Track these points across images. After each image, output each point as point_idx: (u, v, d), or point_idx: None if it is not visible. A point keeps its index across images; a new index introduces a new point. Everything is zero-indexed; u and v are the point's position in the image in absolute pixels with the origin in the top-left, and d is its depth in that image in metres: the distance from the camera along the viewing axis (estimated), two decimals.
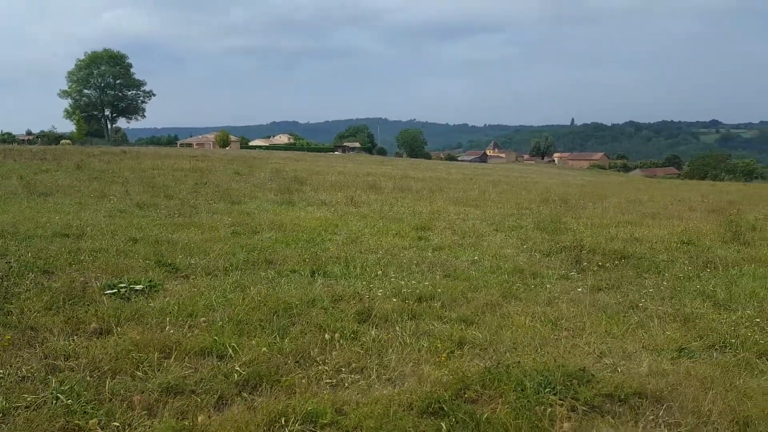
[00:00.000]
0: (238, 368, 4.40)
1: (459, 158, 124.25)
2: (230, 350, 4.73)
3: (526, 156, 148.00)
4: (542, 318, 5.99)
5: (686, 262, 9.03)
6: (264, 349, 4.72)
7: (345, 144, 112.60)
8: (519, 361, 4.48)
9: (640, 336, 5.51)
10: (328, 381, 4.32)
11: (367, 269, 7.78)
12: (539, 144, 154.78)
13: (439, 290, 6.76)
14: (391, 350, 4.89)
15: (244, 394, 4.11)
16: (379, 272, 7.60)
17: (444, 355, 4.82)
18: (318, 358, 4.65)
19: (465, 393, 4.07)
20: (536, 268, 8.37)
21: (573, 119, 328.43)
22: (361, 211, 14.14)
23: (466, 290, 6.95)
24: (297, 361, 4.65)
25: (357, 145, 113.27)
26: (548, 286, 7.34)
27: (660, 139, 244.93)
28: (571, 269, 8.33)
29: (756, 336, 5.49)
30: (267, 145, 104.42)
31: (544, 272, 8.14)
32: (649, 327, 5.76)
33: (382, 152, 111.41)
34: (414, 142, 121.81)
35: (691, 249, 10.30)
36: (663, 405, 3.96)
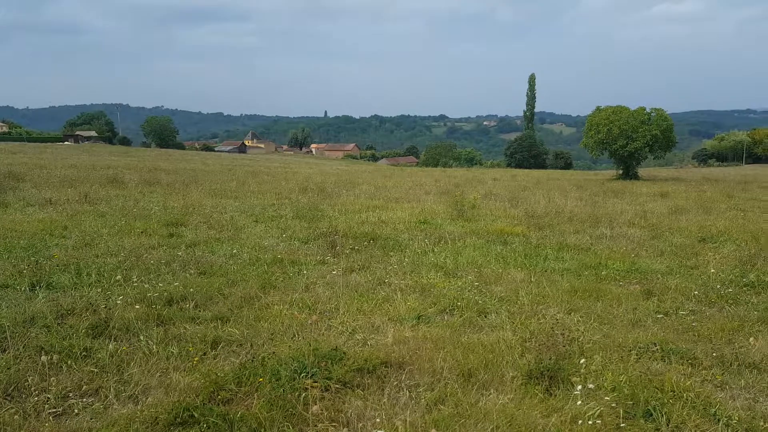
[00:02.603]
0: None
1: (216, 148, 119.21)
2: None
3: (285, 147, 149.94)
4: (300, 304, 6.08)
5: (423, 239, 10.18)
6: None
7: (78, 133, 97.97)
8: (274, 351, 4.44)
9: (387, 309, 6.00)
10: (51, 411, 3.65)
11: (105, 275, 6.87)
12: (297, 135, 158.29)
13: (192, 290, 6.33)
14: (133, 363, 4.37)
15: None
16: (120, 277, 6.77)
17: (197, 358, 4.51)
18: (37, 387, 3.90)
19: (218, 395, 3.86)
20: (295, 256, 8.49)
21: (326, 111, 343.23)
22: (99, 209, 12.49)
23: (223, 286, 6.66)
24: (8, 395, 3.82)
25: (93, 134, 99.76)
26: (306, 272, 7.50)
27: (400, 131, 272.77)
28: (327, 254, 8.65)
29: (477, 298, 6.45)
30: None
31: (303, 259, 8.30)
32: (393, 300, 6.30)
33: (126, 142, 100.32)
34: (163, 131, 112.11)
35: (427, 227, 11.66)
36: (405, 370, 4.35)
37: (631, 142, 35.91)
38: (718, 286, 6.97)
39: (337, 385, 3.96)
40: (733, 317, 5.91)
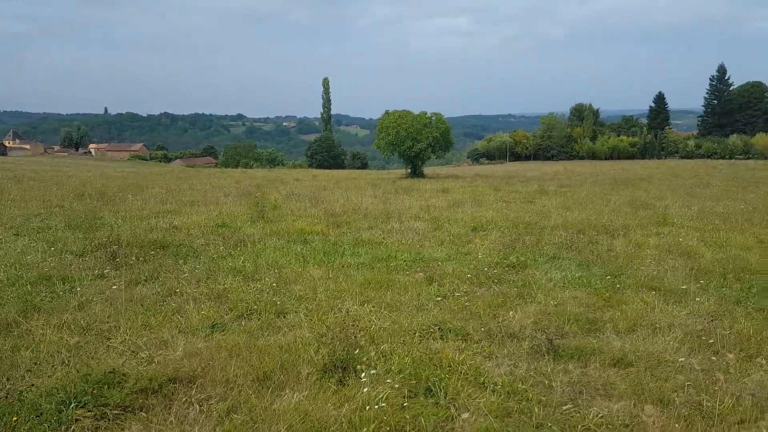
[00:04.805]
0: None
1: None
2: None
3: (56, 147, 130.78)
4: (72, 326, 5.35)
5: (221, 243, 9.77)
6: None
7: None
8: (34, 384, 3.83)
9: (177, 321, 5.61)
10: None
11: None
12: (71, 134, 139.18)
13: None
14: None
15: None
16: None
17: None
18: None
19: None
20: (67, 272, 7.46)
21: (106, 108, 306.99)
22: None
23: None
24: None
25: None
26: (79, 289, 6.64)
27: (196, 131, 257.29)
28: (106, 267, 7.78)
29: (275, 299, 6.40)
30: None
31: (76, 275, 7.33)
32: (185, 310, 5.92)
33: None
34: None
35: (225, 231, 11.22)
36: (196, 383, 4.11)
37: (416, 144, 39.28)
38: (486, 269, 7.98)
39: (115, 411, 3.57)
40: (498, 295, 6.81)
